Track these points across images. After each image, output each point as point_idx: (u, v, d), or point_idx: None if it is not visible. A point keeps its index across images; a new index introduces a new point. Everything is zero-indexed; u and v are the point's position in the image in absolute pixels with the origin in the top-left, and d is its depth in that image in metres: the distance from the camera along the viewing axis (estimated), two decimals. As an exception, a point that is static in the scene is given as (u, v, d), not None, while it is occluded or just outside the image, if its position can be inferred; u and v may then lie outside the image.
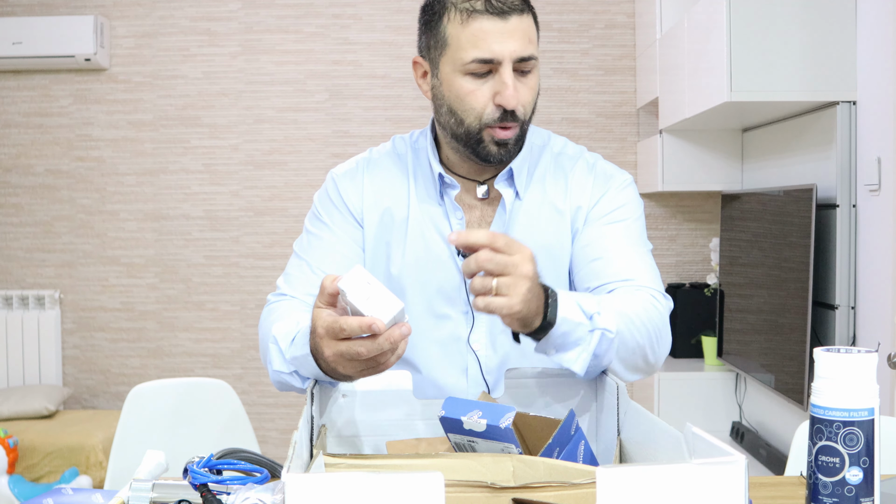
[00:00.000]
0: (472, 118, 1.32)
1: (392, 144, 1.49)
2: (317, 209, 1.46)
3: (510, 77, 1.28)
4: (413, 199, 1.42)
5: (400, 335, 1.01)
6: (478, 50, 1.28)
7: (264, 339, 1.30)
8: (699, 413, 3.49)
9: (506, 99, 1.28)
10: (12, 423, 3.52)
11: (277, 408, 4.04)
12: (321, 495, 0.69)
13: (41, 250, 4.06)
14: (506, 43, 1.27)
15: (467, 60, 1.29)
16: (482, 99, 1.30)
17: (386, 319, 1.00)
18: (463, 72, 1.30)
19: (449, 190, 1.40)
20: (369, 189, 1.44)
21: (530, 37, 1.30)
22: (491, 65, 1.29)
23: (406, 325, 1.02)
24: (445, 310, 1.39)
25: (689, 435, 0.82)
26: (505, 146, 1.33)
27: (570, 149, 1.49)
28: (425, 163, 1.44)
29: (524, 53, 1.29)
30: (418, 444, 1.15)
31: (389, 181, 1.44)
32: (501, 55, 1.28)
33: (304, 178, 4.02)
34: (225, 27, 4.01)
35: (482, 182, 1.42)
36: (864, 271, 2.57)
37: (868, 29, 2.57)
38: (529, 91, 1.32)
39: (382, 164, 1.46)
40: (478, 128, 1.32)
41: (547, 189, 1.42)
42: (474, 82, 1.30)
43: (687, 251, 3.99)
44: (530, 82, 1.32)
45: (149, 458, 1.19)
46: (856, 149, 2.62)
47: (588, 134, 4.00)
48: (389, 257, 1.41)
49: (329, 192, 1.46)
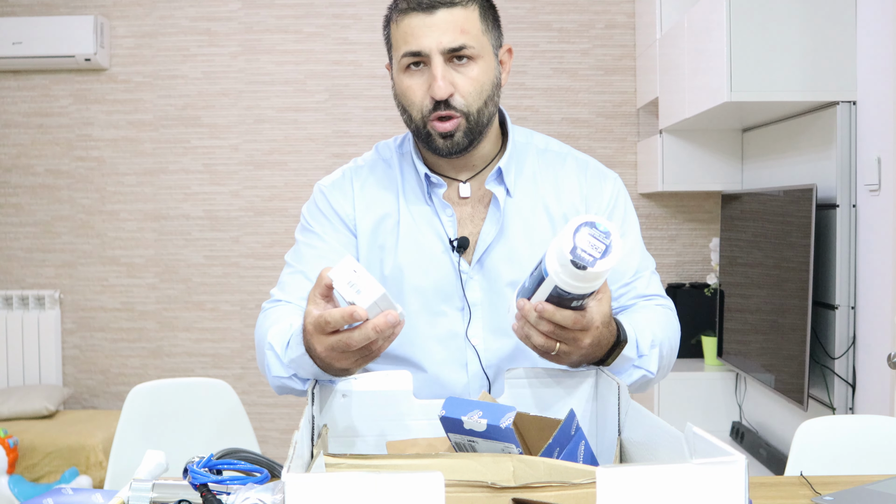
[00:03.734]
0: (415, 112, 1.36)
1: (376, 151, 1.51)
2: (306, 221, 1.48)
3: (438, 68, 1.31)
4: (403, 202, 1.43)
5: (385, 323, 1.03)
6: (407, 45, 1.33)
7: (260, 347, 1.31)
8: (699, 413, 3.49)
9: (434, 89, 1.32)
10: (12, 423, 3.52)
11: (277, 408, 4.04)
12: (321, 495, 0.69)
13: (41, 250, 4.06)
14: (431, 36, 1.31)
15: (401, 56, 1.34)
16: (419, 92, 1.35)
17: (366, 306, 1.01)
18: (401, 69, 1.36)
19: (436, 189, 1.42)
20: (360, 196, 1.45)
21: (463, 28, 1.32)
22: (421, 57, 1.33)
23: (392, 312, 1.04)
24: (442, 307, 1.41)
25: (690, 435, 0.82)
26: (450, 138, 1.35)
27: (555, 145, 1.51)
28: (410, 165, 1.46)
29: (452, 45, 1.31)
30: (418, 444, 1.15)
31: (378, 186, 1.46)
32: (428, 48, 1.31)
33: (304, 178, 4.02)
34: (225, 27, 4.01)
35: (464, 181, 1.43)
36: (864, 271, 2.57)
37: (868, 29, 2.57)
38: (470, 81, 1.34)
39: (369, 171, 1.48)
40: (421, 121, 1.36)
41: (538, 187, 1.45)
42: (411, 78, 1.35)
43: (687, 251, 3.99)
44: (471, 73, 1.34)
45: (149, 458, 1.19)
46: (856, 149, 2.62)
47: (588, 134, 4.00)
48: (383, 260, 1.43)
49: (318, 204, 1.47)
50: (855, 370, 2.60)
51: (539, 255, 1.39)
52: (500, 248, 1.40)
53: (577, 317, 1.10)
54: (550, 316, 1.09)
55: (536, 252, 1.39)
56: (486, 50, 1.36)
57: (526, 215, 1.42)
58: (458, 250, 1.39)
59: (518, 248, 1.40)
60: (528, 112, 3.98)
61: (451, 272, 1.40)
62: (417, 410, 1.18)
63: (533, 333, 1.13)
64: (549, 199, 1.44)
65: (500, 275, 1.40)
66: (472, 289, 1.40)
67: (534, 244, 1.41)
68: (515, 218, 1.42)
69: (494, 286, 1.40)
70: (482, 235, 1.40)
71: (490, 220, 1.41)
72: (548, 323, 1.10)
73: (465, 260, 1.41)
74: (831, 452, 1.71)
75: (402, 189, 1.44)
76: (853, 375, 2.61)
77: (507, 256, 1.40)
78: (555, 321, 1.10)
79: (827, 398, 2.66)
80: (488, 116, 1.38)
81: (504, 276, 1.40)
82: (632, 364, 1.27)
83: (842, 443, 1.72)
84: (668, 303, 1.46)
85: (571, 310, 1.10)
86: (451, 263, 1.40)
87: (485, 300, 1.40)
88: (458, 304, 1.40)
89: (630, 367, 1.27)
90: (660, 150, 3.57)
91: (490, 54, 1.37)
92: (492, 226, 1.40)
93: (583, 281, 1.04)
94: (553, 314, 1.09)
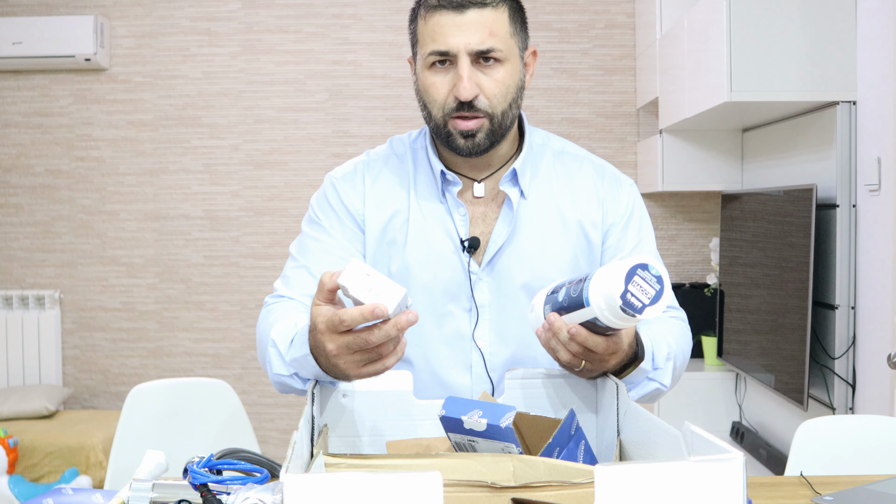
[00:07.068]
0: (436, 110, 1.35)
1: (389, 145, 1.50)
2: (314, 213, 1.46)
3: (465, 69, 1.31)
4: (414, 199, 1.42)
5: (407, 321, 1.02)
6: (435, 43, 1.32)
7: (262, 343, 1.29)
8: (699, 413, 3.49)
9: (459, 90, 1.31)
10: (12, 423, 3.52)
11: (277, 408, 4.04)
12: (319, 495, 0.69)
13: (41, 250, 4.06)
14: (460, 36, 1.30)
15: (427, 54, 1.33)
16: (443, 91, 1.34)
17: (392, 306, 0.99)
18: (426, 65, 1.35)
19: (451, 187, 1.40)
20: (370, 191, 1.44)
21: (492, 30, 1.31)
22: (448, 57, 1.32)
23: (413, 311, 1.03)
24: (449, 307, 1.39)
25: (688, 433, 0.82)
26: (472, 138, 1.34)
27: (571, 148, 1.50)
28: (425, 162, 1.44)
29: (481, 46, 1.31)
30: (418, 444, 1.15)
31: (390, 182, 1.44)
32: (456, 48, 1.31)
33: (304, 178, 4.02)
34: (225, 27, 4.01)
35: (479, 180, 1.42)
36: (864, 271, 2.57)
37: (868, 29, 2.57)
38: (495, 84, 1.33)
39: (381, 166, 1.46)
40: (442, 119, 1.35)
41: (553, 190, 1.43)
42: (436, 75, 1.34)
43: (687, 251, 3.99)
44: (497, 75, 1.33)
45: (149, 458, 1.19)
46: (856, 149, 2.62)
47: (588, 134, 4.00)
48: (391, 257, 1.41)
49: (328, 196, 1.45)
50: (855, 370, 2.60)
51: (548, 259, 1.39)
52: (512, 249, 1.39)
53: (608, 343, 1.11)
54: (583, 341, 1.09)
55: (548, 255, 1.40)
56: (513, 53, 1.35)
57: (539, 218, 1.41)
58: (468, 250, 1.38)
59: (530, 250, 1.39)
60: (528, 112, 3.98)
61: (460, 272, 1.39)
62: (418, 410, 1.18)
63: (561, 350, 1.12)
64: (563, 202, 1.43)
65: (511, 277, 1.39)
66: (481, 290, 1.39)
67: (546, 247, 1.40)
68: (528, 220, 1.41)
69: (504, 288, 1.39)
70: (493, 236, 1.39)
71: (502, 220, 1.40)
72: (579, 346, 1.10)
73: (475, 261, 1.40)
74: (831, 452, 1.71)
75: (414, 185, 1.43)
76: (853, 375, 2.61)
77: (518, 259, 1.39)
78: (587, 346, 1.10)
79: (827, 398, 2.66)
80: (511, 119, 1.37)
81: (514, 278, 1.39)
82: (646, 376, 1.27)
83: (842, 443, 1.72)
84: (681, 314, 1.46)
85: (603, 336, 1.10)
86: (461, 263, 1.39)
87: (493, 302, 1.39)
88: (465, 304, 1.39)
89: (644, 379, 1.27)
90: (660, 150, 3.57)
91: (516, 57, 1.36)
92: (504, 227, 1.39)
93: (626, 322, 1.03)
94: (586, 340, 1.09)
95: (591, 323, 1.07)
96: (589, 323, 1.07)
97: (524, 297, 1.38)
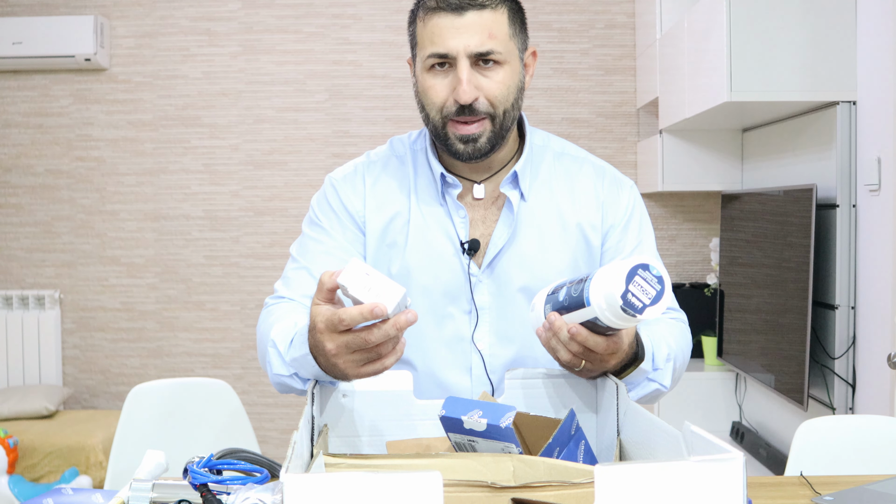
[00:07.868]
0: (435, 112, 1.34)
1: (390, 146, 1.49)
2: (315, 214, 1.45)
3: (464, 72, 1.30)
4: (414, 200, 1.42)
5: (406, 321, 1.02)
6: (434, 45, 1.31)
7: (263, 343, 1.29)
8: (699, 413, 3.49)
9: (458, 94, 1.30)
10: (12, 423, 3.52)
11: (277, 408, 4.04)
12: (319, 495, 0.69)
13: (41, 250, 4.06)
14: (459, 38, 1.29)
15: (426, 56, 1.32)
16: (442, 93, 1.33)
17: (391, 306, 0.99)
18: (425, 68, 1.34)
19: (451, 189, 1.40)
20: (371, 192, 1.43)
21: (491, 32, 1.30)
22: (447, 59, 1.31)
23: (412, 311, 1.03)
24: (449, 309, 1.39)
25: (688, 433, 0.82)
26: (472, 142, 1.34)
27: (572, 149, 1.50)
28: (425, 163, 1.44)
29: (480, 49, 1.30)
30: (418, 444, 1.15)
31: (390, 183, 1.44)
32: (455, 50, 1.30)
33: (304, 178, 4.02)
34: (225, 27, 4.01)
35: (479, 182, 1.42)
36: (864, 271, 2.57)
37: (868, 29, 2.57)
38: (495, 86, 1.32)
39: (382, 167, 1.46)
40: (441, 122, 1.34)
41: (553, 192, 1.43)
42: (435, 78, 1.33)
43: (687, 251, 3.99)
44: (497, 77, 1.32)
45: (149, 458, 1.19)
46: (856, 149, 2.62)
47: (588, 134, 4.00)
48: (391, 259, 1.41)
49: (328, 197, 1.45)
50: (855, 370, 2.60)
51: (546, 261, 1.39)
52: (512, 252, 1.39)
53: (608, 343, 1.11)
54: (583, 341, 1.09)
55: (547, 258, 1.39)
56: (513, 54, 1.34)
57: (539, 221, 1.41)
58: (468, 253, 1.38)
59: (530, 252, 1.39)
60: (528, 112, 3.97)
61: (460, 274, 1.39)
62: (418, 410, 1.18)
63: (561, 350, 1.12)
64: (563, 204, 1.42)
65: (511, 279, 1.39)
66: (481, 292, 1.39)
67: (545, 250, 1.40)
68: (528, 222, 1.40)
69: (504, 290, 1.39)
70: (493, 238, 1.39)
71: (502, 223, 1.40)
72: (579, 345, 1.10)
73: (475, 263, 1.39)
74: (831, 452, 1.71)
75: (415, 187, 1.42)
76: (853, 375, 2.61)
77: (518, 261, 1.39)
78: (587, 346, 1.10)
79: (827, 398, 2.66)
80: (512, 121, 1.37)
81: (514, 280, 1.39)
82: (646, 377, 1.27)
83: (842, 443, 1.72)
84: (681, 315, 1.46)
85: (603, 336, 1.10)
86: (461, 265, 1.39)
87: (493, 304, 1.39)
88: (465, 306, 1.39)
89: (644, 379, 1.27)
90: (660, 150, 3.57)
91: (516, 58, 1.35)
92: (504, 229, 1.39)
93: (627, 322, 1.04)
94: (586, 339, 1.09)
95: (591, 323, 1.07)
96: (589, 323, 1.07)
97: (524, 300, 1.38)
